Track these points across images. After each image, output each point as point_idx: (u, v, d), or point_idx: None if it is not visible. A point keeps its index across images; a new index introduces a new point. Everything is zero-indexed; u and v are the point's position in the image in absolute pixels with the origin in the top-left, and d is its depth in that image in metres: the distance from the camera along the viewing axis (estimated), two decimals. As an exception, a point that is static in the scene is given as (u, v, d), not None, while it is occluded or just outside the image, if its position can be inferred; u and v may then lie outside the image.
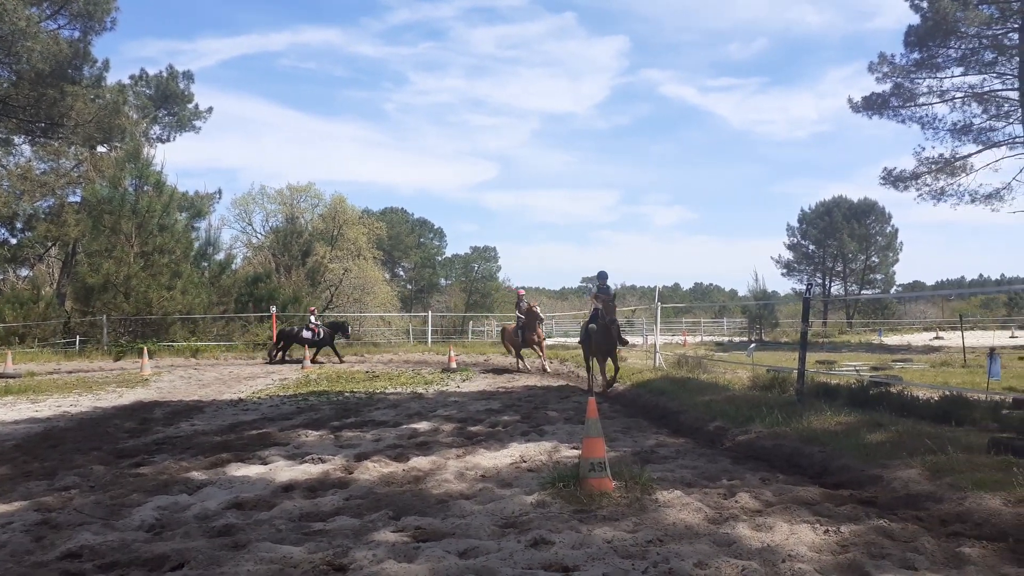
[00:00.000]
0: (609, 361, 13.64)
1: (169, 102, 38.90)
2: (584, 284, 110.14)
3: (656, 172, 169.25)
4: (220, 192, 41.25)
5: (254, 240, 47.87)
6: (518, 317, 19.43)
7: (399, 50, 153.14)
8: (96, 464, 7.15)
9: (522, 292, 21.21)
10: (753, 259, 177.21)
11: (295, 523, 5.01)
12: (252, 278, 32.26)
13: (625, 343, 14.23)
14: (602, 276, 14.20)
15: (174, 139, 40.11)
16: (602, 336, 13.25)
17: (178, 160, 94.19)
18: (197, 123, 40.30)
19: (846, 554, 4.16)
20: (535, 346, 18.84)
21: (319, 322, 23.69)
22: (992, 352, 13.06)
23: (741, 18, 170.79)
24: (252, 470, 6.75)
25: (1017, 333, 40.18)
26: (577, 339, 18.96)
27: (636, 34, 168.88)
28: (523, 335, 18.77)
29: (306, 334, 22.76)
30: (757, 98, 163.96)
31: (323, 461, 7.06)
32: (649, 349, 19.40)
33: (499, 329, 29.41)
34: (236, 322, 28.53)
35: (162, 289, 26.20)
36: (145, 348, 20.75)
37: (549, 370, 18.64)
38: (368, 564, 3.98)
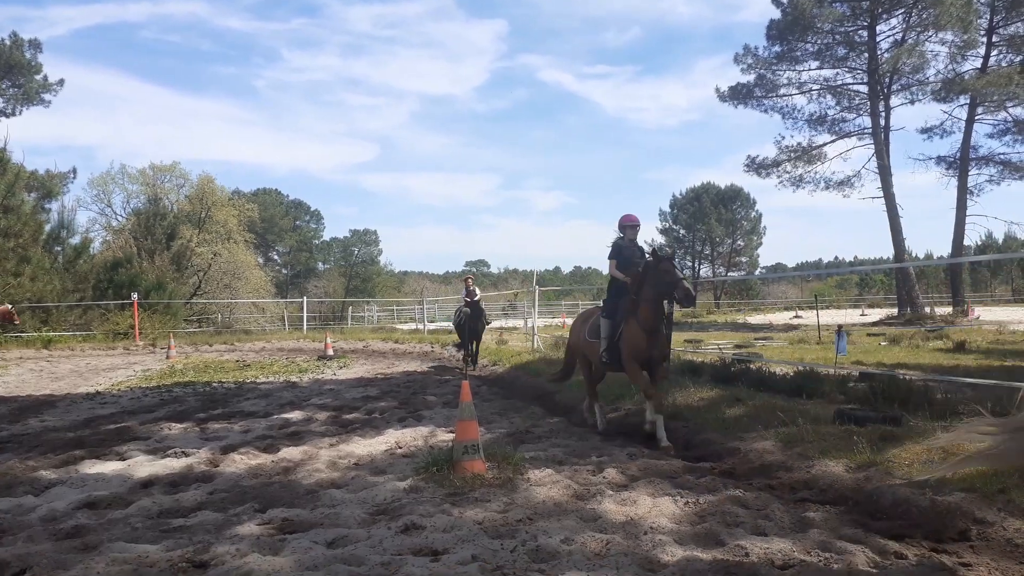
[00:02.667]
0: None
1: (13, 73, 35.76)
2: (467, 268, 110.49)
3: (536, 157, 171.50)
4: (75, 171, 38.17)
5: (114, 223, 44.92)
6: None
7: (270, 25, 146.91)
8: (-73, 467, 6.54)
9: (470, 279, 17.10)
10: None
11: (153, 520, 4.77)
12: (112, 263, 30.24)
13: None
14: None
15: (20, 113, 36.90)
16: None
17: (25, 136, 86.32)
18: (46, 96, 37.27)
19: (703, 524, 4.39)
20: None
21: None
22: (840, 329, 14.07)
23: (616, 7, 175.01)
24: (108, 467, 6.36)
25: (867, 311, 43.39)
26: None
27: (514, 18, 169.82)
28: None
29: None
30: (631, 86, 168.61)
31: (186, 455, 6.76)
32: (528, 332, 19.69)
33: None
34: (95, 310, 26.72)
35: (8, 276, 24.17)
36: (-11, 340, 19.14)
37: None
38: (230, 559, 3.84)
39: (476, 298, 16.02)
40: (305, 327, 30.29)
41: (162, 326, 26.24)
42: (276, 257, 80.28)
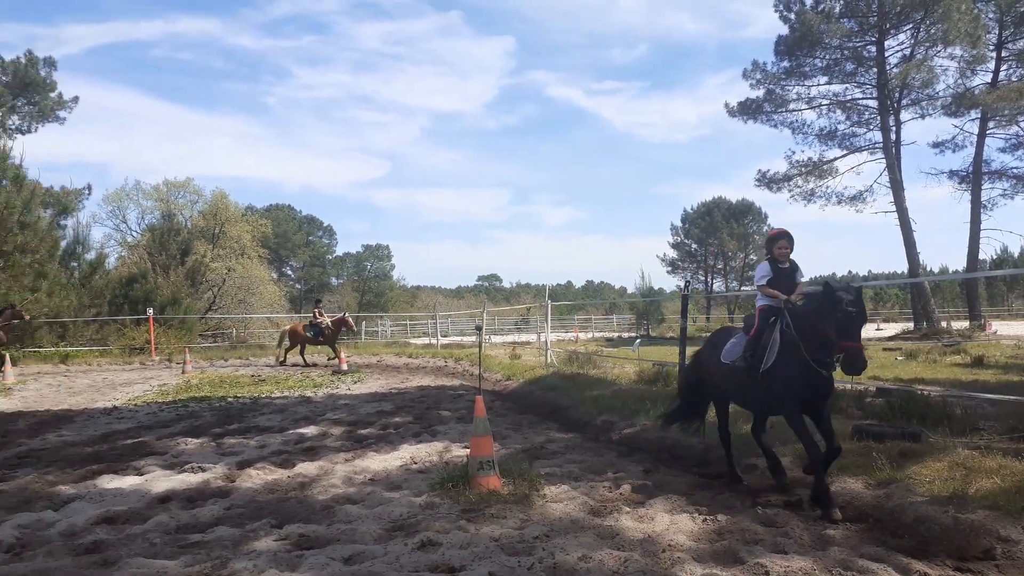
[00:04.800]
0: None
1: (28, 90, 36.35)
2: (479, 283, 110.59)
3: (545, 172, 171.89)
4: (89, 188, 38.65)
5: (129, 239, 45.39)
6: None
7: (280, 43, 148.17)
8: (-53, 482, 6.60)
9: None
10: (641, 257, 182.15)
11: (171, 536, 4.78)
12: (127, 279, 30.51)
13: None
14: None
15: (35, 130, 37.57)
16: None
17: (41, 153, 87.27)
18: (61, 113, 37.91)
19: (722, 541, 4.36)
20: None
21: None
22: (856, 344, 13.93)
23: (622, 23, 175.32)
24: (126, 482, 6.39)
25: (883, 326, 43.06)
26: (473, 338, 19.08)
27: (522, 35, 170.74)
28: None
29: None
30: (639, 101, 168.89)
31: (203, 470, 6.78)
32: (542, 346, 19.66)
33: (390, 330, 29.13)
34: (111, 325, 26.93)
35: (25, 291, 24.39)
36: (7, 355, 19.29)
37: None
38: (248, 574, 3.85)
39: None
40: (318, 342, 30.32)
41: (177, 341, 26.37)
42: (290, 272, 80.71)
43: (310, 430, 9.28)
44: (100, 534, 4.82)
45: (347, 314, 21.59)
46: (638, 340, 27.36)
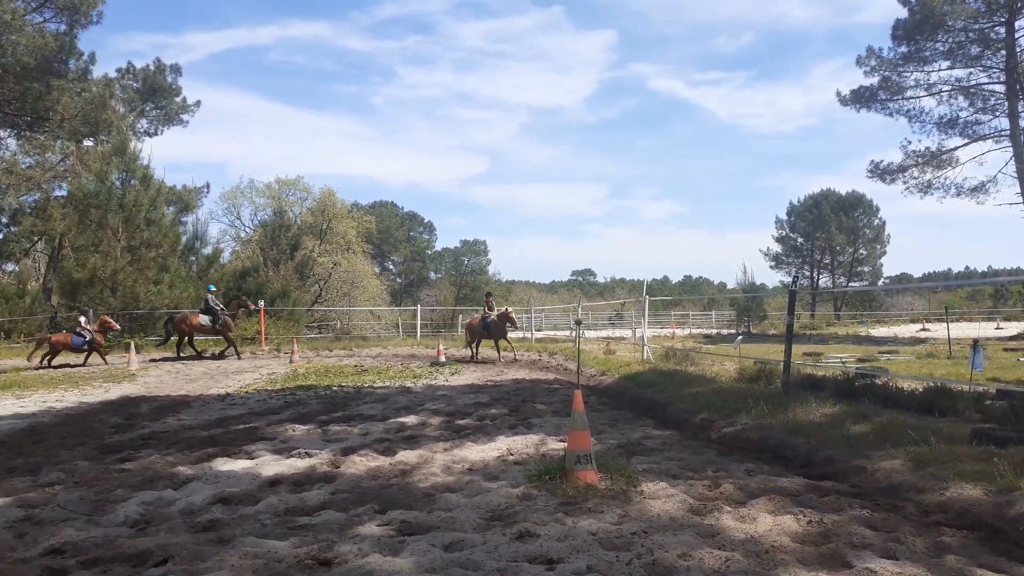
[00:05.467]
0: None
1: (156, 96, 38.64)
2: (573, 278, 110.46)
3: (644, 165, 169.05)
4: (208, 186, 40.84)
5: (242, 234, 47.74)
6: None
7: (387, 44, 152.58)
8: (81, 460, 7.12)
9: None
10: (742, 252, 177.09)
11: (280, 517, 5.00)
12: (240, 272, 32.11)
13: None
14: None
15: (161, 133, 39.90)
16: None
17: (165, 154, 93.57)
18: (185, 117, 40.08)
19: (828, 544, 4.20)
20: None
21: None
22: (975, 343, 13.19)
23: (728, 12, 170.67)
24: (238, 465, 6.73)
25: (1003, 325, 40.46)
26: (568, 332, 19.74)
27: (624, 28, 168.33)
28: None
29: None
30: (744, 92, 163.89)
31: (309, 455, 7.06)
32: (637, 342, 19.44)
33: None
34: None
35: (149, 283, 26.04)
36: (132, 343, 20.64)
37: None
38: (353, 558, 3.98)
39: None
40: (418, 334, 31.05)
41: (286, 332, 27.57)
42: (391, 267, 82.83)
43: (410, 419, 9.50)
44: (216, 513, 5.10)
45: (509, 309, 21.73)
46: (739, 337, 26.68)
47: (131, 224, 26.60)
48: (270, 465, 6.67)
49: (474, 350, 21.32)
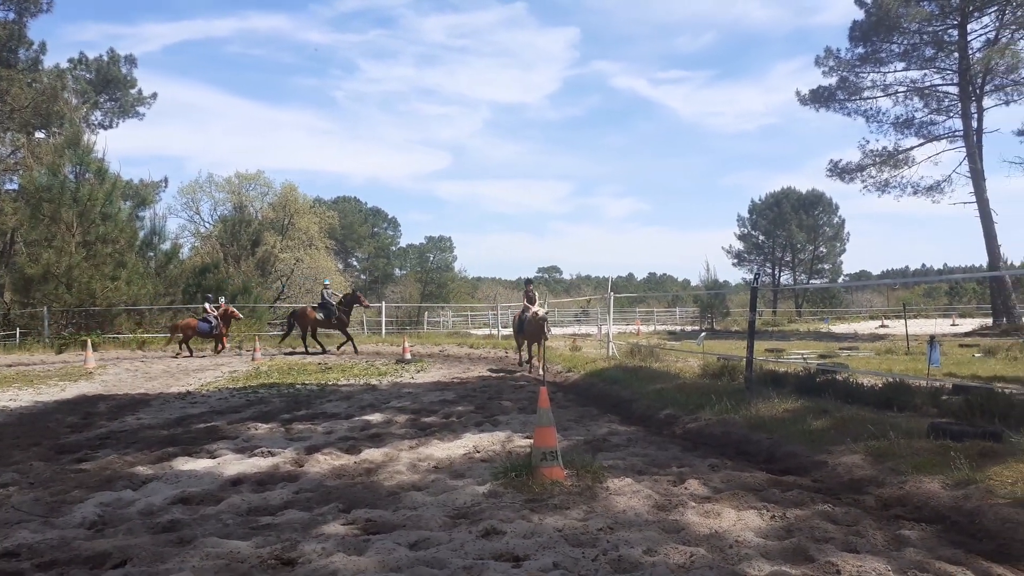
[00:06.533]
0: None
1: (110, 87, 37.83)
2: (539, 275, 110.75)
3: (608, 164, 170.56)
4: (166, 180, 40.32)
5: (202, 230, 46.82)
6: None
7: (348, 37, 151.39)
8: (36, 460, 6.93)
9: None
10: (705, 249, 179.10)
11: (243, 517, 4.92)
12: (200, 268, 31.59)
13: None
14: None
15: (117, 125, 39.12)
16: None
17: (121, 147, 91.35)
18: (141, 109, 39.36)
19: (791, 538, 4.25)
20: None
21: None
22: (932, 340, 13.48)
23: (689, 12, 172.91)
24: (199, 464, 6.61)
25: (958, 321, 41.49)
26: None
27: (586, 25, 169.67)
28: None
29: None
30: (706, 91, 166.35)
31: (272, 454, 6.96)
32: (603, 339, 19.55)
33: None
34: (184, 313, 27.93)
35: (106, 280, 25.48)
36: (89, 340, 20.20)
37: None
38: (317, 557, 3.93)
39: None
40: (384, 331, 30.84)
41: (247, 329, 27.16)
42: (355, 263, 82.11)
43: (375, 417, 9.43)
44: (176, 514, 5.00)
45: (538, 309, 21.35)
46: (703, 333, 26.98)
47: (86, 219, 26.00)
48: (232, 464, 6.56)
49: (524, 356, 17.22)
